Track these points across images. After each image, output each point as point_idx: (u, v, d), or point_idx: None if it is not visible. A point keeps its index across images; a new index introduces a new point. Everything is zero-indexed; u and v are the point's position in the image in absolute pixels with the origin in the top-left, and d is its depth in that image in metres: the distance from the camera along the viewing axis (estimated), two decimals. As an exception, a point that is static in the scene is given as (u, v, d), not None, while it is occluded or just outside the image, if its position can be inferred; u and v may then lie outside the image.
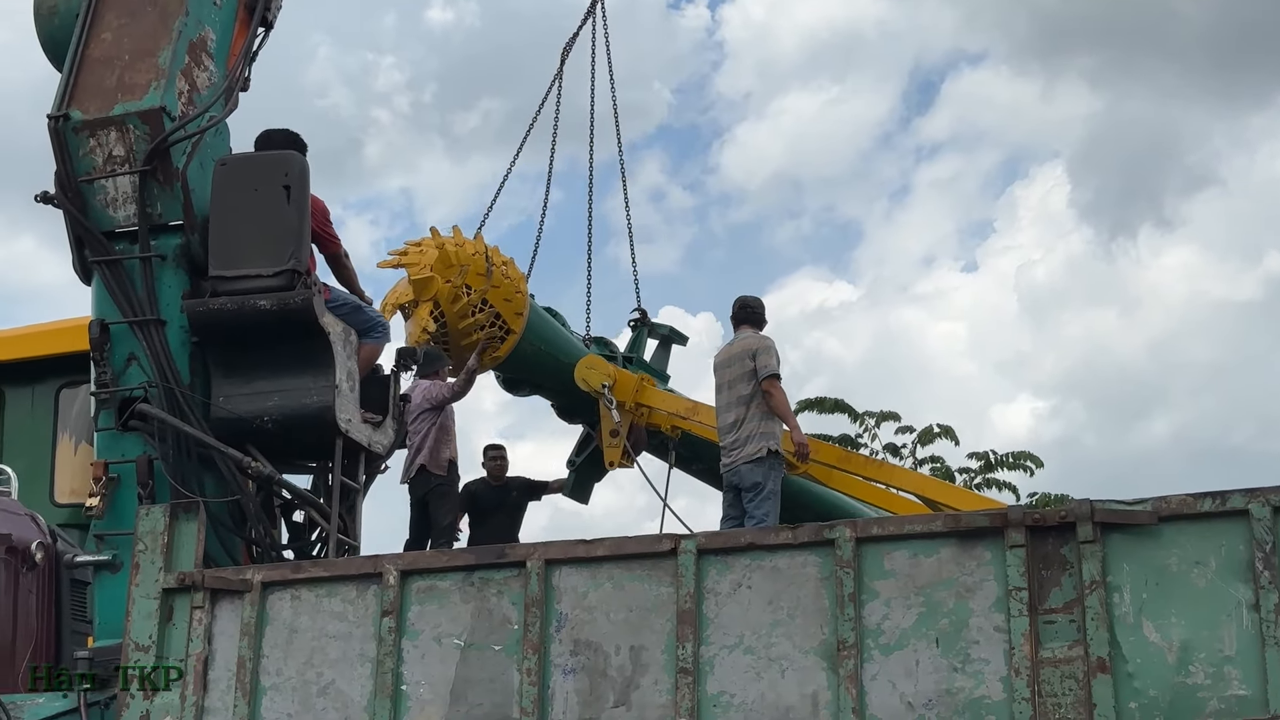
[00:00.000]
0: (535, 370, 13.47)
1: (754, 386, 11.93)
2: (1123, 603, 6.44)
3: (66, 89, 9.43)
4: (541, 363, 13.50)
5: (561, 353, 13.93)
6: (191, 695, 7.49)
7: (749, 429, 11.91)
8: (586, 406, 14.30)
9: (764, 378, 11.93)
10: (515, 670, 7.08)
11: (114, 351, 9.26)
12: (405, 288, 12.81)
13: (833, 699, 6.66)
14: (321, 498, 9.52)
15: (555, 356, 13.81)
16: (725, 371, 12.23)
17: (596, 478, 15.21)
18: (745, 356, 12.08)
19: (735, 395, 12.04)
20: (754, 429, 11.90)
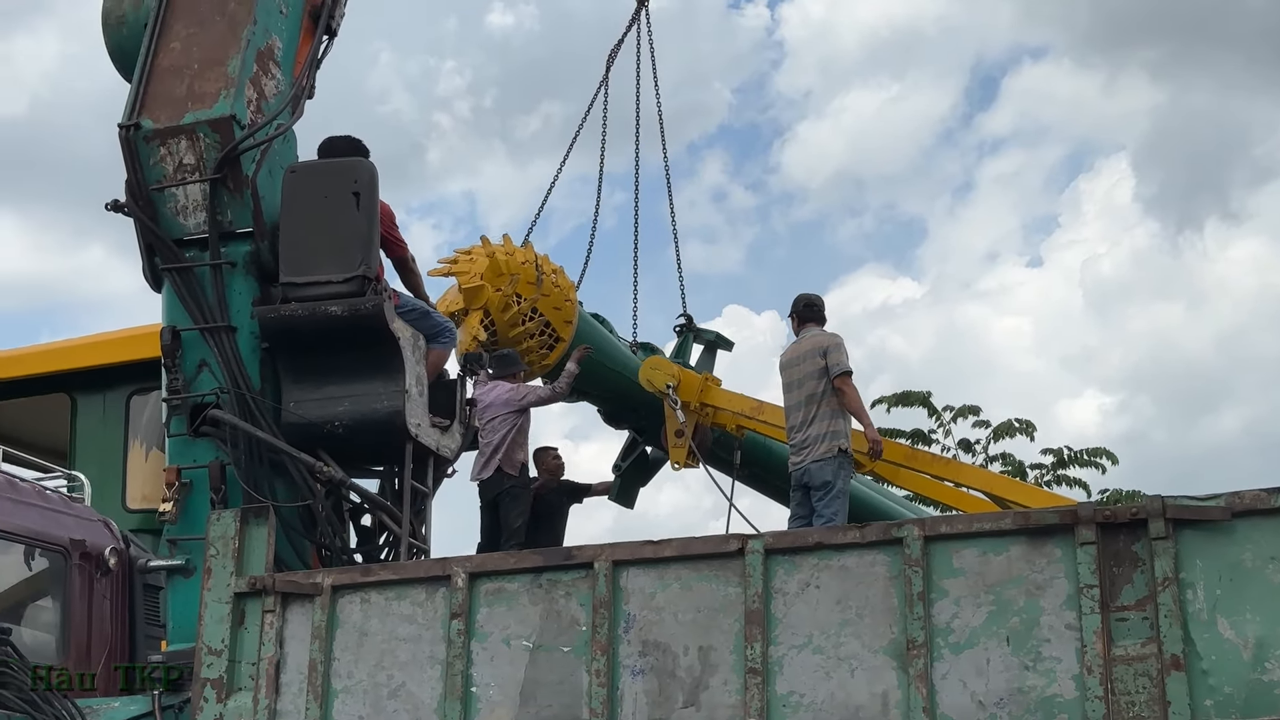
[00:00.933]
0: (583, 377, 13.42)
1: (824, 384, 11.84)
2: (1196, 599, 6.34)
3: (137, 98, 9.49)
4: (589, 369, 13.43)
5: (609, 359, 13.90)
6: (264, 699, 7.50)
7: (819, 428, 11.82)
8: (632, 412, 14.28)
9: (837, 375, 11.82)
10: (584, 671, 7.06)
11: (185, 358, 9.31)
12: (456, 296, 12.78)
13: (903, 698, 6.60)
14: (390, 501, 9.53)
15: (603, 363, 13.76)
16: (794, 370, 12.12)
17: (642, 482, 15.20)
18: (815, 354, 11.98)
19: (805, 393, 11.94)
20: (824, 428, 11.81)
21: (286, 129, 9.64)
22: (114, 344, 12.63)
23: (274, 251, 9.34)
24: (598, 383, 13.95)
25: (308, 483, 9.12)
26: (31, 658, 8.95)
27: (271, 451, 9.12)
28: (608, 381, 13.95)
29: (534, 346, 12.80)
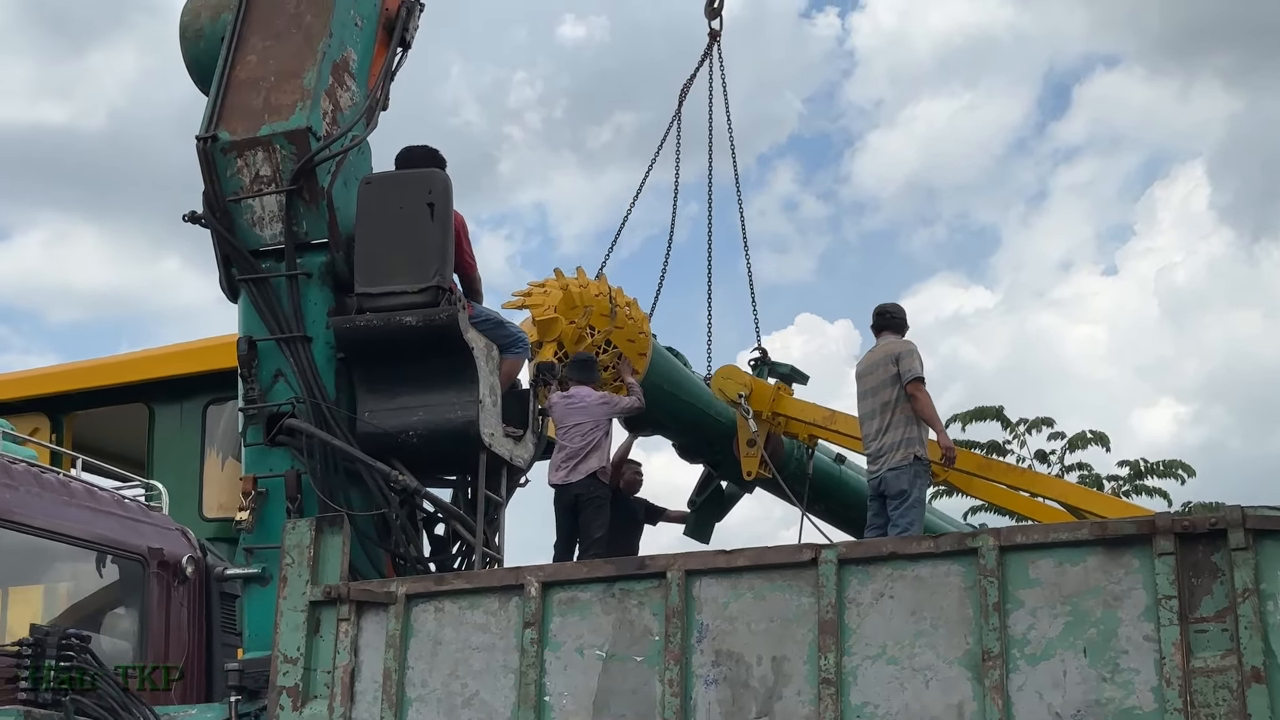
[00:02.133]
0: (658, 409, 13.37)
1: (897, 391, 11.79)
2: (1277, 610, 6.27)
3: (214, 110, 9.53)
4: (664, 402, 13.39)
5: (684, 392, 13.84)
6: (339, 707, 7.52)
7: (893, 436, 11.77)
8: (707, 445, 14.22)
9: (908, 381, 11.77)
10: (657, 681, 7.03)
11: (261, 368, 9.33)
12: (530, 328, 12.75)
13: (979, 709, 6.55)
14: (463, 510, 9.52)
15: (677, 396, 13.71)
16: (868, 378, 12.09)
17: (717, 517, 15.14)
18: (888, 361, 11.94)
19: (879, 401, 11.91)
20: (899, 436, 11.76)
21: (361, 140, 9.66)
22: (191, 354, 12.70)
23: (349, 262, 9.35)
24: (673, 416, 13.90)
25: (382, 492, 9.13)
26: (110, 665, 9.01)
27: (347, 460, 9.13)
28: (683, 415, 13.90)
29: (608, 379, 12.74)
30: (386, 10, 10.07)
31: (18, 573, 10.15)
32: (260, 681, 8.23)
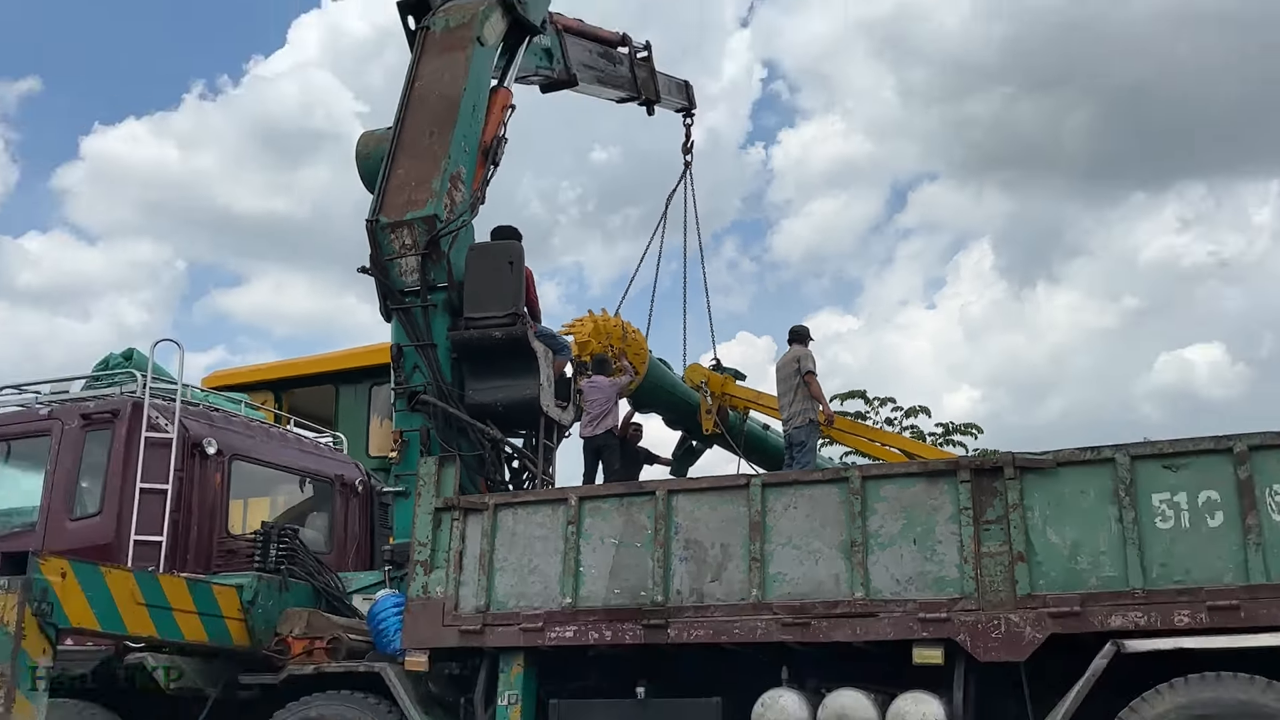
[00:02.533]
0: (653, 396, 13.32)
1: (799, 380, 11.73)
2: (1034, 517, 6.25)
3: (377, 203, 9.55)
4: (655, 392, 13.33)
5: (668, 386, 13.66)
6: (452, 574, 7.50)
7: (797, 407, 11.72)
8: (682, 419, 14.01)
9: (805, 373, 11.75)
10: (649, 558, 7.01)
11: (405, 362, 9.34)
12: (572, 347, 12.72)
13: (848, 577, 6.53)
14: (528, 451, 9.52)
15: (664, 389, 13.58)
16: (782, 371, 12.00)
17: (690, 463, 14.92)
18: (794, 361, 11.86)
19: (788, 386, 11.83)
20: (800, 407, 11.70)
21: (467, 223, 9.66)
22: (361, 354, 12.70)
23: (460, 298, 9.36)
24: (662, 402, 13.77)
25: (480, 440, 9.13)
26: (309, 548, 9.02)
27: (458, 421, 9.14)
28: (668, 401, 13.78)
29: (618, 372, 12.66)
30: (484, 142, 10.06)
31: (254, 490, 10.16)
32: (403, 557, 8.21)
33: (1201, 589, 5.83)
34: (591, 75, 11.87)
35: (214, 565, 9.00)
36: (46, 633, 6.51)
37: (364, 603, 8.42)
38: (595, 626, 7.02)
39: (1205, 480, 5.97)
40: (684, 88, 13.60)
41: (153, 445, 8.89)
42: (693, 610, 6.82)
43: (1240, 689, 5.63)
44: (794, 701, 6.50)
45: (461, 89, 9.86)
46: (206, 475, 9.24)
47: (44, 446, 9.20)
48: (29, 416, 9.45)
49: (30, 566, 6.54)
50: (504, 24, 10.51)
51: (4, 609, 6.44)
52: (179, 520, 8.90)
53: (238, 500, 9.74)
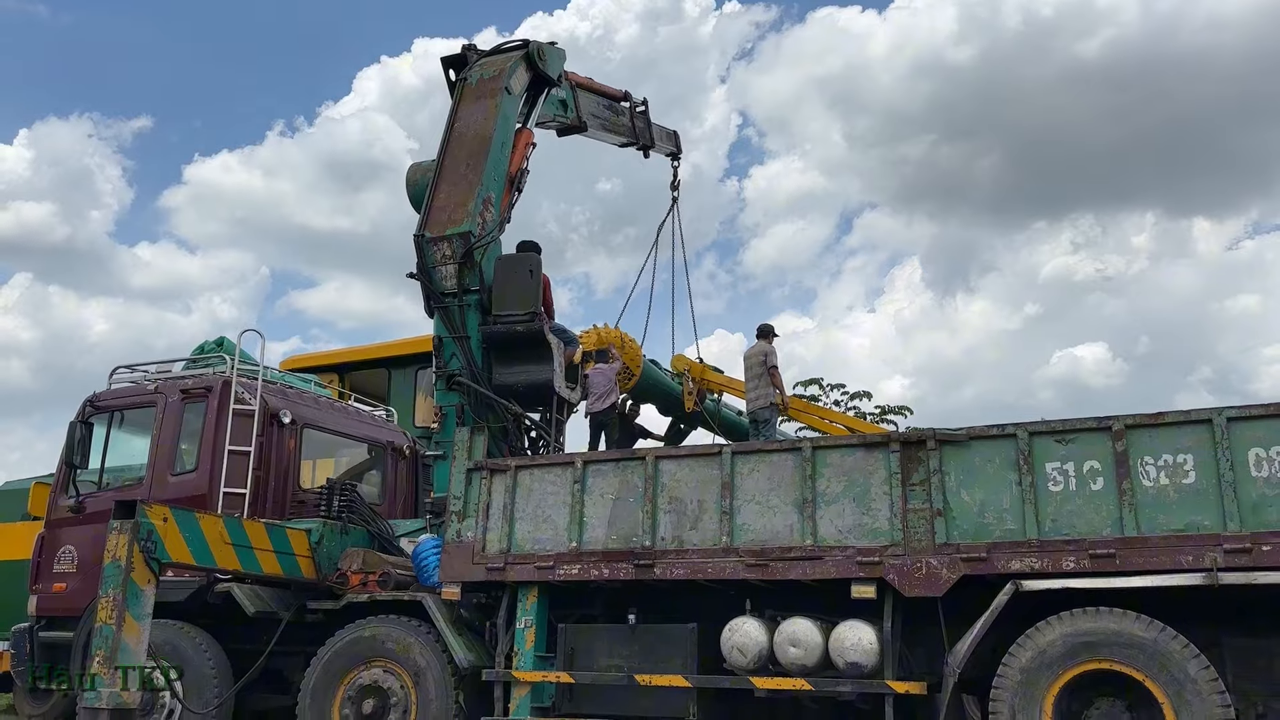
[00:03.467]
0: (646, 391, 13.18)
1: (763, 369, 11.68)
2: (950, 480, 6.24)
3: (423, 221, 9.52)
4: (649, 389, 13.20)
5: (659, 382, 13.49)
6: (480, 522, 7.48)
7: (761, 392, 11.63)
8: (671, 407, 13.83)
9: (770, 367, 11.69)
10: (640, 511, 6.99)
11: (444, 350, 9.33)
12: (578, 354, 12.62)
13: (800, 528, 6.53)
14: (543, 424, 9.50)
15: (655, 385, 13.41)
16: (750, 361, 11.85)
17: (681, 440, 14.85)
18: (761, 354, 11.76)
19: (754, 375, 11.72)
20: (763, 392, 11.63)
21: (495, 239, 9.62)
22: (408, 344, 12.68)
23: (489, 299, 9.32)
24: (654, 396, 13.59)
25: (504, 415, 9.11)
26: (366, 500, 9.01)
27: (486, 399, 9.12)
28: (659, 394, 13.56)
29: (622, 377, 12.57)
30: (510, 172, 10.02)
31: (320, 452, 10.14)
32: (441, 508, 8.22)
33: (1085, 540, 5.84)
34: (598, 123, 11.82)
35: (287, 513, 8.99)
36: (151, 566, 6.52)
37: (409, 544, 8.42)
38: (596, 565, 7.01)
39: (1089, 452, 5.97)
40: (673, 136, 13.50)
41: (239, 415, 8.89)
42: (674, 553, 6.81)
43: (1115, 620, 5.66)
44: (755, 627, 6.51)
45: (492, 129, 9.83)
46: (282, 440, 9.23)
47: (150, 416, 9.19)
48: (139, 391, 9.44)
49: (138, 512, 6.54)
50: (527, 77, 10.48)
51: (117, 546, 6.45)
52: (259, 476, 8.90)
53: (307, 461, 9.73)
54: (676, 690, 6.65)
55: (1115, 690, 5.67)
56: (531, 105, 10.68)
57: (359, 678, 7.46)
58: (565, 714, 6.99)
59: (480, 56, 10.46)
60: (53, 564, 9.16)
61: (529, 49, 10.45)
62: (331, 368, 13.20)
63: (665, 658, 6.77)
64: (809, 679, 6.32)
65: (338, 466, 10.46)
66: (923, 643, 6.41)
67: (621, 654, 6.93)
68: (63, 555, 9.11)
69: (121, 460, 9.36)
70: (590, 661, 7.00)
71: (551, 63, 10.74)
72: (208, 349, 10.02)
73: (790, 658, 6.37)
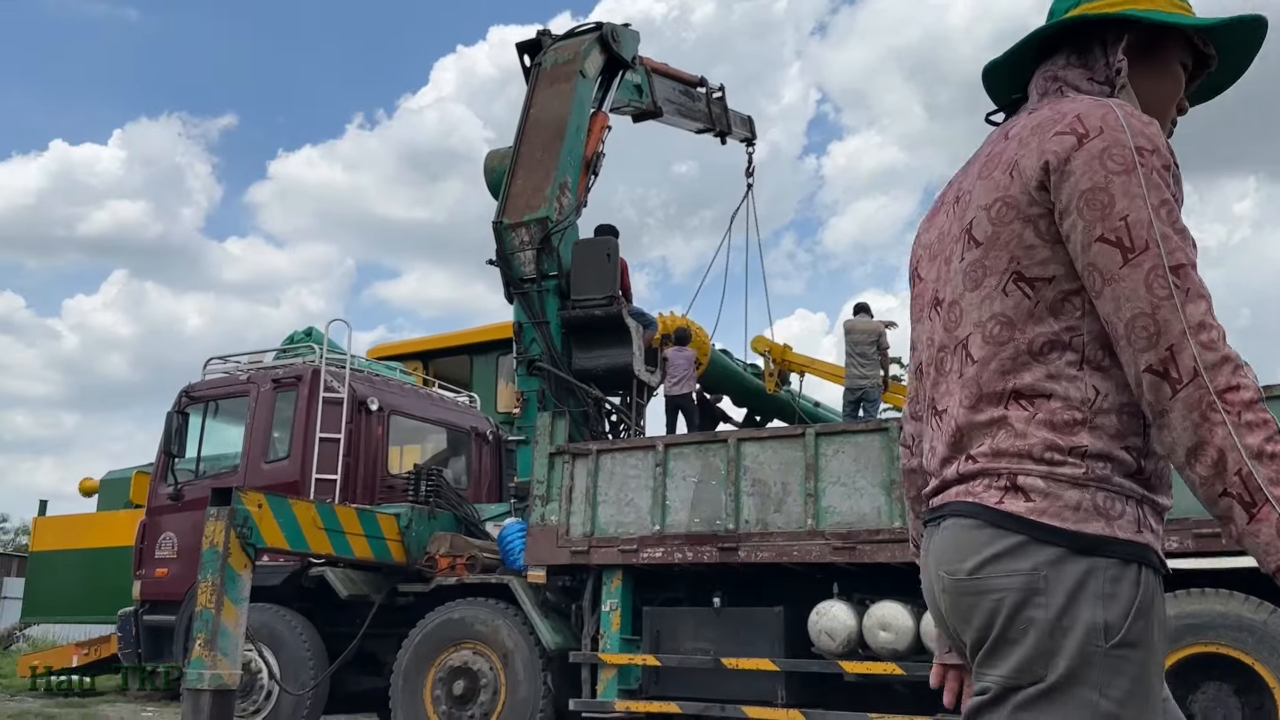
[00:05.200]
0: (717, 381, 12.95)
1: (875, 348, 11.27)
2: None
3: (501, 208, 9.52)
4: (720, 380, 12.93)
5: (731, 373, 13.22)
6: (563, 505, 7.49)
7: (871, 369, 11.21)
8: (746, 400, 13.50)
9: (885, 346, 11.34)
10: (723, 494, 6.92)
11: (524, 336, 9.33)
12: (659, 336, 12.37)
13: (887, 510, 6.39)
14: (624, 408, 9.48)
15: (727, 375, 13.15)
16: (862, 336, 11.31)
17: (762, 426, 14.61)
18: (874, 332, 11.33)
19: (863, 351, 11.23)
20: (874, 371, 11.24)
21: (572, 223, 9.61)
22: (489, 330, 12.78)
23: (568, 284, 9.31)
24: (726, 386, 13.41)
25: (585, 399, 9.11)
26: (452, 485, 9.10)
27: (567, 383, 9.13)
28: (731, 385, 13.34)
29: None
30: (586, 156, 9.98)
31: (406, 439, 10.28)
32: (525, 492, 8.25)
33: (1188, 519, 5.57)
34: (674, 109, 11.68)
35: (377, 498, 9.13)
36: (247, 551, 6.65)
37: (494, 528, 8.48)
38: (679, 549, 6.97)
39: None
40: (748, 122, 13.23)
41: (328, 403, 9.04)
42: (759, 536, 6.73)
43: (1221, 602, 5.41)
44: (844, 610, 6.40)
45: (568, 113, 9.80)
46: (370, 427, 9.37)
47: (244, 405, 9.41)
48: (232, 381, 9.68)
49: (234, 499, 6.68)
50: (601, 59, 10.41)
51: (214, 532, 6.60)
52: (349, 462, 9.05)
53: (395, 447, 9.86)
54: (764, 674, 6.58)
55: (1222, 674, 5.42)
56: (606, 89, 10.62)
57: (449, 659, 7.55)
58: (652, 696, 6.98)
59: (554, 41, 10.43)
60: (154, 550, 9.47)
61: (603, 31, 10.39)
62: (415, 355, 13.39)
63: (751, 641, 6.70)
64: (900, 663, 6.19)
65: (424, 452, 10.59)
66: (1017, 626, 6.23)
67: (707, 637, 6.88)
68: (164, 541, 9.41)
69: (217, 449, 9.61)
70: (676, 644, 6.97)
71: (625, 44, 10.66)
72: (297, 339, 10.22)
73: (881, 641, 6.24)
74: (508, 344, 10.34)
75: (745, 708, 6.58)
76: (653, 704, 6.93)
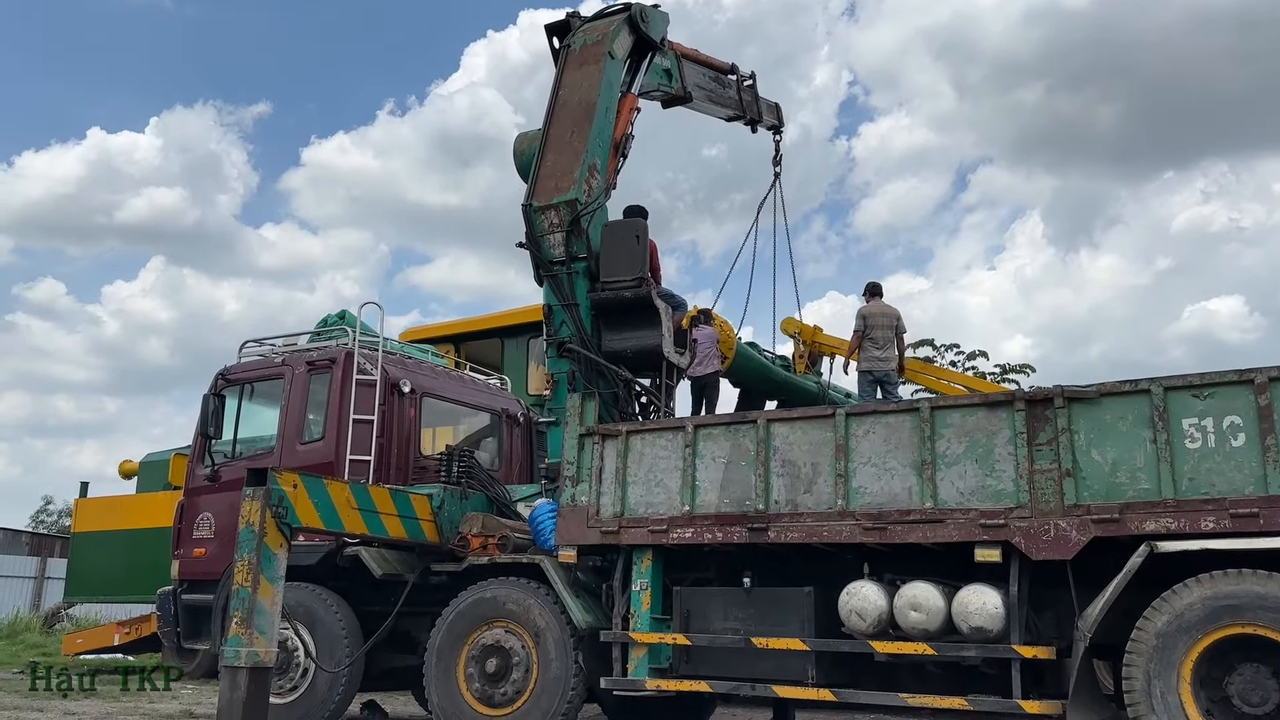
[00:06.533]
0: (744, 374, 12.80)
1: (894, 333, 11.23)
2: (1080, 439, 5.95)
3: (530, 190, 9.51)
4: (746, 373, 12.77)
5: (757, 365, 13.10)
6: (593, 486, 7.49)
7: (892, 352, 11.21)
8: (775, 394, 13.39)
9: (902, 332, 11.33)
10: (752, 475, 6.89)
11: (554, 318, 9.33)
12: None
13: (919, 490, 6.32)
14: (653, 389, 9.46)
15: (753, 368, 13.00)
16: (882, 319, 11.30)
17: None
18: (893, 317, 11.31)
19: (887, 336, 11.23)
20: (893, 354, 11.24)
21: (602, 205, 9.57)
22: (519, 313, 12.83)
23: (598, 266, 9.29)
24: (753, 379, 13.30)
25: (614, 380, 9.10)
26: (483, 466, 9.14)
27: (597, 365, 9.12)
28: (757, 377, 13.18)
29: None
30: (615, 138, 9.93)
31: (439, 420, 10.34)
32: (555, 473, 8.25)
33: (1225, 499, 5.50)
34: (704, 95, 11.57)
35: (410, 478, 9.20)
36: (283, 530, 6.72)
37: (525, 509, 8.52)
38: (709, 529, 6.95)
39: (1229, 407, 5.59)
40: (775, 109, 13.05)
41: (361, 385, 9.11)
42: (789, 517, 6.70)
43: (1258, 583, 5.32)
44: (874, 591, 6.37)
45: (596, 95, 9.75)
46: (403, 409, 9.43)
47: (278, 388, 9.51)
48: (267, 364, 9.77)
49: (270, 480, 6.75)
50: (630, 40, 10.35)
51: (250, 512, 6.67)
52: (382, 444, 9.13)
53: (427, 428, 9.93)
54: (794, 653, 6.57)
55: (1260, 655, 5.34)
56: (635, 71, 10.55)
57: (482, 638, 7.60)
58: (683, 675, 6.99)
59: (583, 22, 10.38)
60: (192, 530, 9.60)
61: (631, 11, 10.32)
62: (447, 338, 13.47)
63: (782, 621, 6.69)
64: (931, 643, 6.16)
65: (456, 434, 10.65)
66: (1050, 607, 6.16)
67: (737, 617, 6.88)
68: (201, 522, 9.55)
69: (253, 431, 9.72)
70: (706, 624, 6.98)
71: (654, 25, 10.59)
72: (330, 322, 10.30)
73: (911, 622, 6.21)
74: (538, 327, 10.36)
75: (776, 687, 6.58)
76: (683, 683, 6.94)
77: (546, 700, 7.25)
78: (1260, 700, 5.31)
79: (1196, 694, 5.38)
